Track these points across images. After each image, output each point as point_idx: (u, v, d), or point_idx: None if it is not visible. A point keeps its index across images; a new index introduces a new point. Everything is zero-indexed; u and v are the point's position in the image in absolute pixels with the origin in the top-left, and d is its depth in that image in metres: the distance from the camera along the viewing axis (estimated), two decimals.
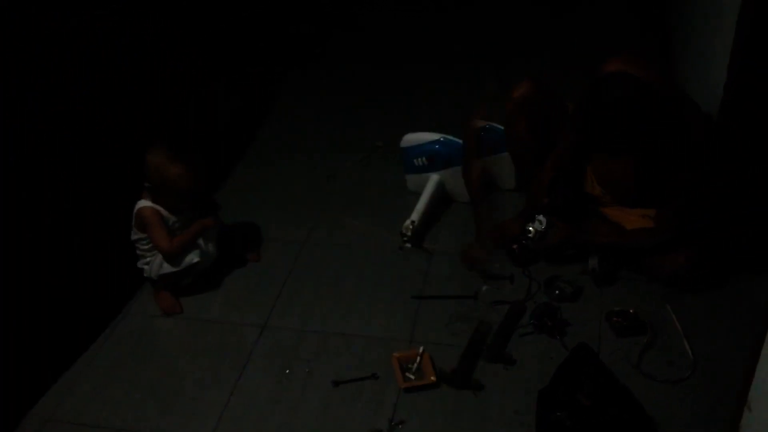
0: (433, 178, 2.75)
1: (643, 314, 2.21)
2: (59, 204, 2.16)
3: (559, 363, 2.00)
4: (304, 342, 2.24)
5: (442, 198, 2.79)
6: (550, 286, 2.35)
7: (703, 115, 2.34)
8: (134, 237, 2.38)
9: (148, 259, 2.39)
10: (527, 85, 2.34)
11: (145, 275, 2.43)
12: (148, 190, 2.31)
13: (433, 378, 2.05)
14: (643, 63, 2.20)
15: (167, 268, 2.32)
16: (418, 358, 2.11)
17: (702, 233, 2.27)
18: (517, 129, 2.41)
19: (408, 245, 2.59)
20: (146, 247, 2.38)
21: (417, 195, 2.78)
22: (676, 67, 3.10)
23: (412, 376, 2.07)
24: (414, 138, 2.76)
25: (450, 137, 2.70)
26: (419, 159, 2.75)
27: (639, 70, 2.14)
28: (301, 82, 3.85)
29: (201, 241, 2.38)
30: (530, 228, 2.38)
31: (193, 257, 2.34)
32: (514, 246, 2.45)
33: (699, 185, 2.25)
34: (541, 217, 2.37)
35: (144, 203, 2.32)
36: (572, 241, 2.40)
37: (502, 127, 2.52)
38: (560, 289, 2.34)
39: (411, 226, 2.57)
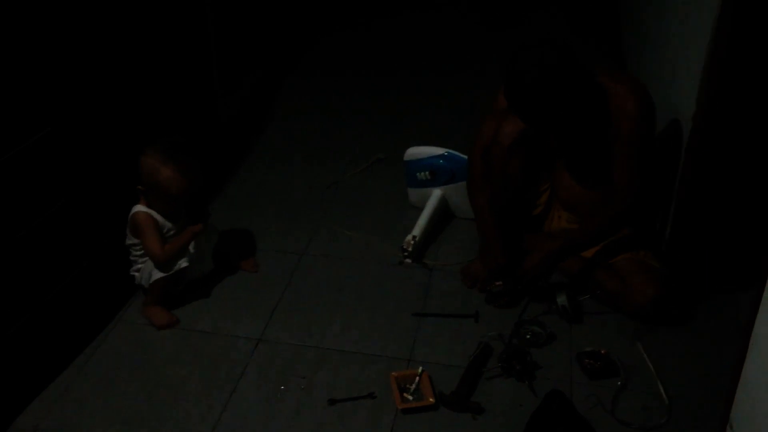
0: (436, 193, 2.71)
1: (614, 353, 2.13)
2: (50, 206, 2.09)
3: (532, 412, 1.92)
4: (301, 357, 2.19)
5: (443, 213, 2.74)
6: (518, 331, 2.21)
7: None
8: (128, 242, 2.32)
9: (139, 265, 2.33)
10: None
11: (136, 282, 2.37)
12: (143, 195, 2.26)
13: (431, 399, 2.00)
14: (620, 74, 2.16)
15: (157, 274, 2.26)
16: (417, 378, 2.06)
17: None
18: (510, 169, 2.29)
19: (408, 260, 2.55)
20: (139, 252, 2.32)
21: (418, 209, 2.75)
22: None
23: (411, 397, 2.02)
24: (417, 152, 2.72)
25: (454, 152, 2.66)
26: (422, 173, 2.70)
27: (609, 77, 2.10)
28: (302, 87, 3.81)
29: (190, 247, 2.32)
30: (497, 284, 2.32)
31: (182, 262, 2.28)
32: (498, 283, 2.32)
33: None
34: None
35: (139, 208, 2.26)
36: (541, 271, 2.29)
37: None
38: (533, 334, 2.19)
39: (412, 242, 2.52)
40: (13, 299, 1.98)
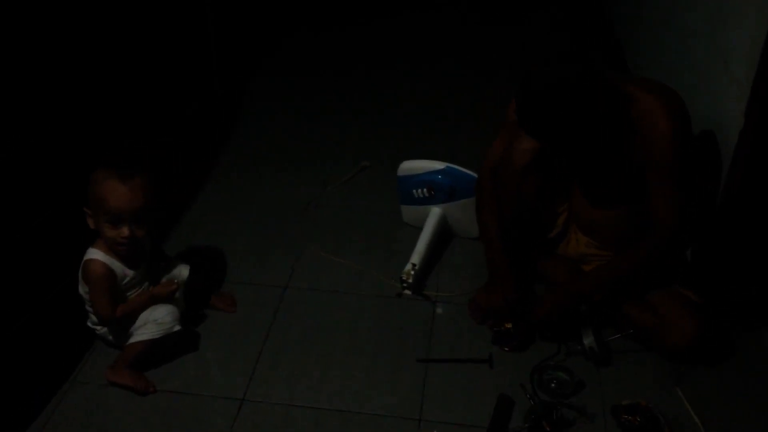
0: (435, 212, 2.40)
1: (652, 402, 1.85)
2: None
3: None
4: (293, 422, 1.86)
5: (442, 234, 2.44)
6: (541, 379, 1.94)
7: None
8: (82, 290, 1.97)
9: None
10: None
11: (98, 333, 2.03)
12: (91, 218, 1.88)
13: None
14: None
15: (141, 335, 1.92)
16: None
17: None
18: (525, 190, 2.00)
19: (408, 292, 2.24)
20: None
21: (412, 228, 2.45)
22: None
23: None
24: (413, 166, 2.40)
25: (454, 166, 2.35)
26: (419, 190, 2.38)
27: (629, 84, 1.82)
28: (272, 89, 3.47)
29: (181, 301, 2.02)
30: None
31: (174, 324, 1.95)
32: (507, 325, 2.05)
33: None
34: None
35: (94, 254, 1.90)
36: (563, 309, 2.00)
37: None
38: (558, 382, 1.92)
39: (412, 271, 2.21)
40: None
